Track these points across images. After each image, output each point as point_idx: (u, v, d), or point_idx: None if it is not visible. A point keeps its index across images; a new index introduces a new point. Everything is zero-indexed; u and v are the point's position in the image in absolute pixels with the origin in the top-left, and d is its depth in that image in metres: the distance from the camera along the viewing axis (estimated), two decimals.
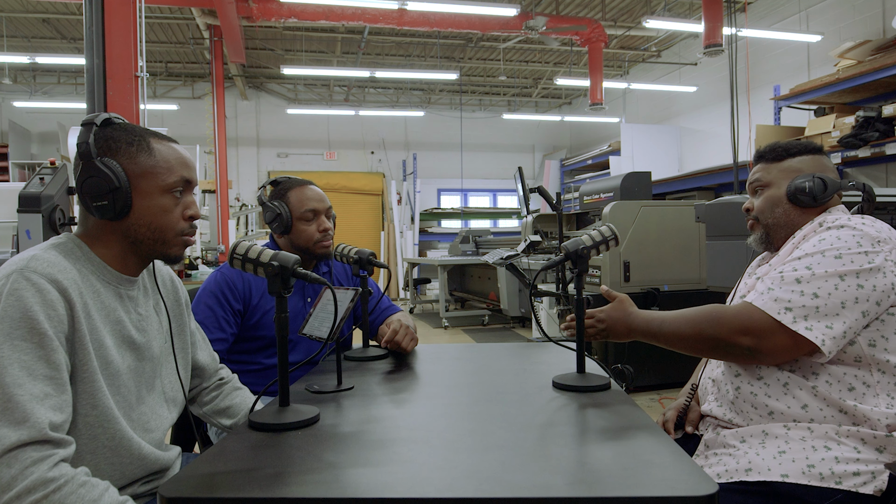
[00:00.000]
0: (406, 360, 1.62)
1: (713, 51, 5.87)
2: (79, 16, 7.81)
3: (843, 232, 1.20)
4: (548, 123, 12.47)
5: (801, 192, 1.31)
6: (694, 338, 1.24)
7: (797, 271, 1.18)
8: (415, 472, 0.82)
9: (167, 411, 1.16)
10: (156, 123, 9.99)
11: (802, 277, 1.16)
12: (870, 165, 5.72)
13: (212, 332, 1.66)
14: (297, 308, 1.79)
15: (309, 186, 1.80)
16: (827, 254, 1.17)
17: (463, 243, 8.39)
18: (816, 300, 1.14)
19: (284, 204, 1.75)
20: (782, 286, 1.17)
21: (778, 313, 1.14)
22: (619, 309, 1.37)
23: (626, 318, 1.35)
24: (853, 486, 1.09)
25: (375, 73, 8.57)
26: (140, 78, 3.31)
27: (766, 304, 1.16)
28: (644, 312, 1.35)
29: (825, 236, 1.21)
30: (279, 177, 1.85)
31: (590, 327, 1.37)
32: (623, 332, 1.35)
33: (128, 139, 1.05)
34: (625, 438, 0.94)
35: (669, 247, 3.96)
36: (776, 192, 1.36)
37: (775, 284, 1.18)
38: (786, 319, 1.13)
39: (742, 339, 1.17)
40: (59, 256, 0.98)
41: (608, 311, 1.37)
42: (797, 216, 1.34)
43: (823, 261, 1.17)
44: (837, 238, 1.19)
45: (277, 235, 1.80)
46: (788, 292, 1.16)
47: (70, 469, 0.87)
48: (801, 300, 1.14)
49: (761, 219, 1.38)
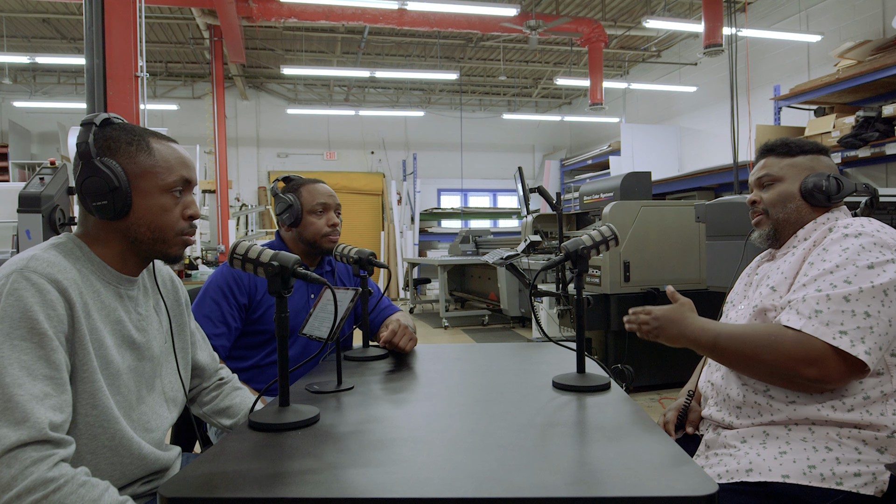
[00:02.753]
0: (406, 360, 1.62)
1: (713, 51, 5.87)
2: (79, 16, 7.81)
3: (864, 240, 1.18)
4: (548, 123, 12.47)
5: (818, 189, 1.29)
6: (750, 361, 1.19)
7: (837, 288, 1.13)
8: (415, 472, 0.82)
9: (167, 411, 1.16)
10: (156, 123, 9.99)
11: (850, 295, 1.12)
12: (870, 165, 5.72)
13: (216, 327, 1.68)
14: (301, 303, 1.81)
15: (320, 183, 1.89)
16: (859, 263, 1.14)
17: (463, 243, 8.39)
18: (869, 320, 1.10)
19: (297, 197, 1.81)
20: (830, 306, 1.12)
21: (833, 338, 1.09)
22: (678, 311, 1.30)
23: (681, 321, 1.28)
24: (854, 486, 1.09)
25: (375, 73, 8.57)
26: (140, 78, 3.31)
27: (819, 331, 1.11)
28: (700, 321, 1.28)
29: (847, 245, 1.18)
30: (291, 174, 1.91)
31: (643, 324, 1.32)
32: (674, 336, 1.29)
33: (127, 139, 1.05)
34: (625, 438, 0.94)
35: (669, 247, 3.95)
36: (789, 187, 1.34)
37: (822, 305, 1.13)
38: (843, 344, 1.09)
39: (807, 370, 1.11)
40: (58, 256, 0.98)
41: (665, 311, 1.31)
42: (807, 214, 1.32)
43: (860, 272, 1.13)
44: (861, 247, 1.16)
45: (286, 228, 1.84)
46: (839, 313, 1.11)
47: (70, 469, 0.87)
48: (854, 321, 1.10)
49: (772, 213, 1.35)
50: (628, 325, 1.35)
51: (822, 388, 1.15)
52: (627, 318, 1.35)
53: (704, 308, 4.18)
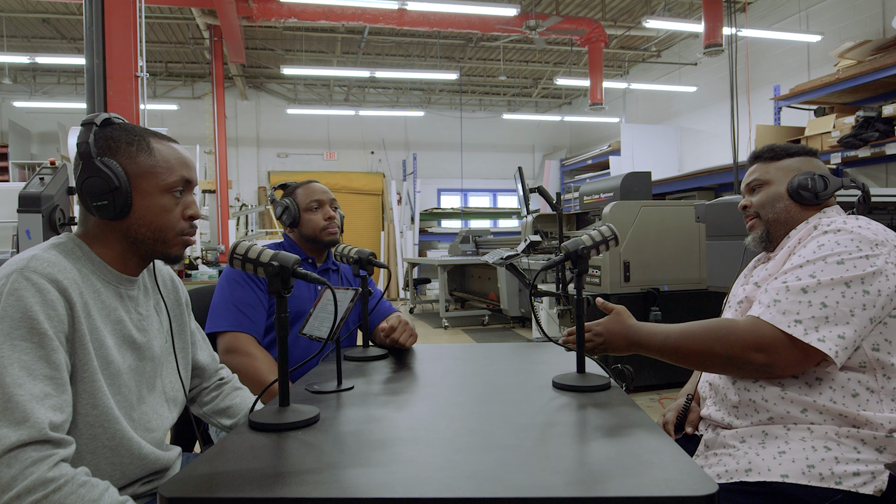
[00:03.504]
0: (406, 360, 1.62)
1: (713, 51, 5.87)
2: (79, 16, 7.81)
3: (840, 236, 1.19)
4: (548, 123, 12.47)
5: (804, 188, 1.31)
6: (702, 355, 1.21)
7: (801, 280, 1.16)
8: (415, 472, 0.82)
9: (167, 411, 1.16)
10: (156, 123, 9.99)
11: (808, 287, 1.14)
12: (870, 165, 5.72)
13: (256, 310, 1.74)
14: (309, 296, 1.83)
15: (313, 182, 1.97)
16: (829, 260, 1.16)
17: (463, 243, 8.39)
18: (825, 310, 1.12)
19: (292, 199, 1.91)
20: (788, 297, 1.15)
21: (788, 326, 1.12)
22: (617, 321, 1.33)
23: (626, 331, 1.31)
24: (853, 486, 1.09)
25: (375, 73, 8.57)
26: (140, 78, 3.31)
27: (775, 318, 1.14)
28: (645, 326, 1.31)
29: (823, 241, 1.20)
30: (289, 182, 2.00)
31: (588, 341, 1.33)
32: (622, 346, 1.32)
33: (128, 139, 1.05)
34: (625, 438, 0.94)
35: (669, 247, 3.96)
36: (777, 188, 1.36)
37: (781, 295, 1.16)
38: (797, 332, 1.11)
39: (755, 355, 1.14)
40: (59, 256, 0.98)
41: (605, 325, 1.34)
42: (797, 213, 1.34)
43: (826, 267, 1.15)
44: (836, 243, 1.18)
45: (289, 230, 1.94)
46: (796, 303, 1.14)
47: (70, 469, 0.87)
48: (810, 311, 1.12)
49: (762, 214, 1.37)
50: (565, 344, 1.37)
51: (772, 374, 1.17)
52: (565, 339, 1.37)
53: (704, 308, 4.17)
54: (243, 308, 1.72)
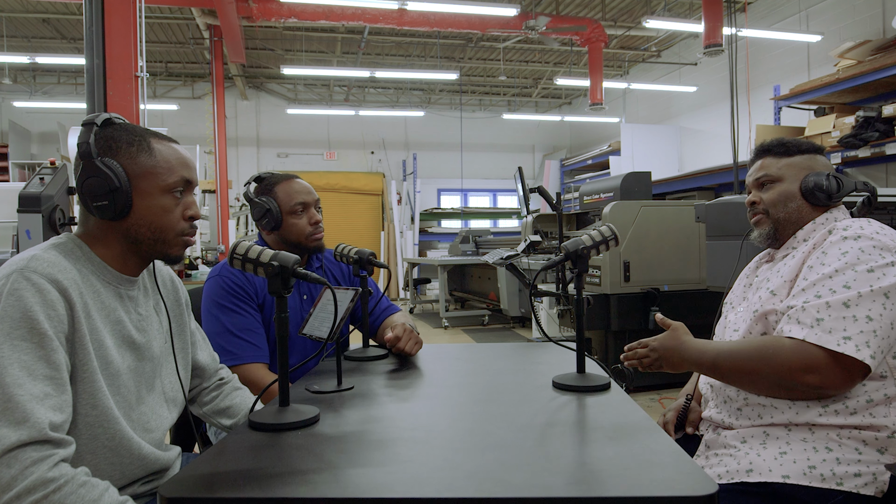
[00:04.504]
0: (406, 359, 1.62)
1: (713, 51, 5.87)
2: (79, 16, 7.80)
3: (863, 243, 1.17)
4: (548, 123, 12.47)
5: (819, 188, 1.29)
6: (751, 376, 1.18)
7: (837, 293, 1.13)
8: (415, 472, 0.82)
9: (167, 411, 1.16)
10: (156, 123, 10.00)
11: (850, 300, 1.11)
12: (870, 165, 5.72)
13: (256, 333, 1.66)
14: (294, 304, 1.77)
15: (295, 180, 1.77)
16: (858, 269, 1.14)
17: (463, 243, 8.39)
18: (871, 323, 1.09)
19: (273, 199, 1.71)
20: (831, 313, 1.11)
21: (837, 345, 1.08)
22: (673, 338, 1.31)
23: (680, 348, 1.29)
24: (854, 487, 1.09)
25: (375, 73, 8.57)
26: (140, 78, 3.31)
27: (822, 339, 1.10)
28: (697, 342, 1.28)
29: (846, 248, 1.17)
30: (263, 173, 1.80)
31: (644, 357, 1.33)
32: (676, 363, 1.30)
33: (128, 139, 1.05)
34: (625, 438, 0.94)
35: (669, 247, 3.95)
36: (789, 186, 1.33)
37: (822, 313, 1.12)
38: (848, 350, 1.08)
39: (806, 377, 1.11)
40: (59, 256, 0.98)
41: (661, 341, 1.32)
42: (807, 213, 1.32)
43: (859, 277, 1.13)
44: (861, 250, 1.16)
45: (266, 232, 1.75)
46: (840, 319, 1.10)
47: (70, 469, 0.87)
48: (856, 326, 1.09)
49: (772, 213, 1.35)
50: (628, 363, 1.36)
51: (825, 394, 1.14)
52: (625, 355, 1.36)
53: (704, 308, 4.17)
54: (244, 335, 1.63)
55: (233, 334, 1.62)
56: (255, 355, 1.63)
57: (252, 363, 1.62)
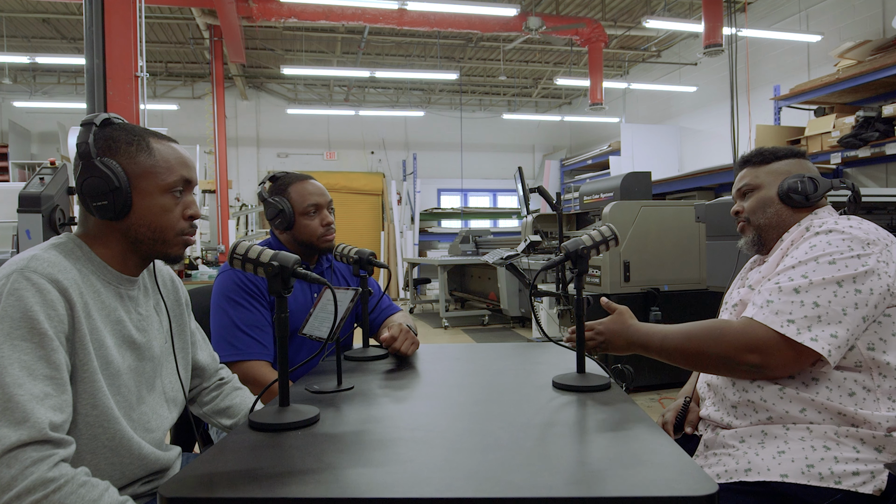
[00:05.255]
0: (406, 360, 1.62)
1: (713, 51, 5.87)
2: (79, 16, 7.81)
3: (832, 237, 1.19)
4: (548, 123, 12.47)
5: (794, 191, 1.31)
6: (697, 355, 1.22)
7: (793, 281, 1.16)
8: (415, 472, 0.82)
9: (167, 411, 1.16)
10: (156, 123, 9.99)
11: (801, 287, 1.15)
12: (870, 165, 5.72)
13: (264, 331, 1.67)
14: (307, 301, 1.78)
15: (309, 181, 1.80)
16: (821, 260, 1.16)
17: (463, 243, 8.39)
18: (817, 309, 1.12)
19: (286, 200, 1.74)
20: (781, 297, 1.15)
21: (781, 326, 1.12)
22: (619, 321, 1.34)
23: (626, 331, 1.32)
24: (852, 485, 1.09)
25: (375, 73, 8.57)
26: (140, 78, 3.31)
27: (768, 318, 1.14)
28: (644, 326, 1.32)
29: (815, 242, 1.20)
30: (277, 173, 1.83)
31: (589, 340, 1.35)
32: (622, 346, 1.33)
33: (127, 139, 1.05)
34: (625, 438, 0.94)
35: (669, 247, 3.96)
36: (767, 192, 1.36)
37: (774, 296, 1.17)
38: (789, 332, 1.11)
39: (748, 356, 1.15)
40: (59, 256, 0.98)
41: (607, 324, 1.35)
42: (788, 216, 1.34)
43: (818, 268, 1.16)
44: (828, 244, 1.18)
45: (279, 231, 1.78)
46: (788, 304, 1.14)
47: (70, 469, 0.87)
48: (802, 311, 1.13)
49: (753, 220, 1.38)
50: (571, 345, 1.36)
51: (766, 374, 1.18)
52: (568, 337, 1.37)
53: (705, 308, 4.16)
54: (250, 331, 1.64)
55: (239, 329, 1.64)
56: (259, 352, 1.64)
57: (255, 360, 1.63)
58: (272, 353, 1.67)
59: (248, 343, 1.63)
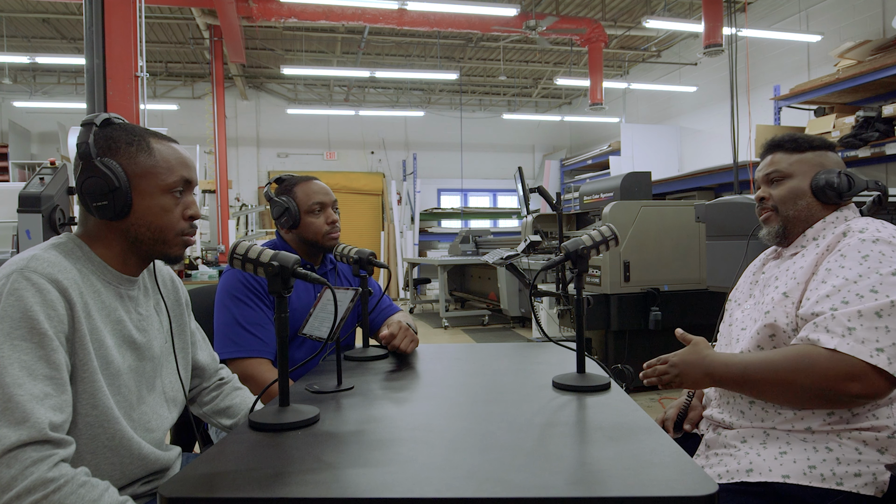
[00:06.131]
0: (406, 360, 1.62)
1: (713, 51, 5.87)
2: (79, 16, 7.80)
3: (881, 246, 1.15)
4: (548, 123, 12.47)
5: (830, 187, 1.27)
6: (786, 387, 1.13)
7: (865, 299, 1.10)
8: (415, 472, 0.82)
9: (167, 411, 1.16)
10: (156, 123, 9.99)
11: (882, 310, 1.08)
12: (870, 165, 5.72)
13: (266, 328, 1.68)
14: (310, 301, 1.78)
15: (314, 181, 1.84)
16: (883, 271, 1.12)
17: (463, 243, 8.39)
18: None
19: (292, 199, 1.77)
20: (863, 323, 1.08)
21: (870, 357, 1.06)
22: (694, 353, 1.23)
23: (702, 362, 1.21)
24: (854, 487, 1.09)
25: (375, 73, 8.57)
26: (140, 78, 3.31)
27: (854, 349, 1.07)
28: (721, 356, 1.23)
29: (865, 251, 1.15)
30: (283, 174, 1.87)
31: (662, 374, 1.25)
32: (698, 379, 1.22)
33: (127, 139, 1.05)
34: (625, 438, 0.94)
35: (669, 247, 3.95)
36: (799, 183, 1.30)
37: (854, 322, 1.09)
38: (881, 363, 1.05)
39: (849, 385, 1.07)
40: (59, 256, 0.98)
41: (682, 356, 1.24)
42: (818, 211, 1.30)
43: (885, 280, 1.10)
44: (882, 254, 1.14)
45: (285, 231, 1.80)
46: (872, 330, 1.07)
47: (70, 469, 0.87)
48: (889, 338, 1.07)
49: (781, 210, 1.32)
50: (647, 381, 1.29)
51: (868, 401, 1.12)
52: (644, 373, 1.30)
53: (704, 308, 4.14)
54: (253, 329, 1.65)
55: (241, 326, 1.65)
56: (260, 350, 1.65)
57: (255, 358, 1.64)
58: (273, 351, 1.67)
59: (250, 340, 1.64)
